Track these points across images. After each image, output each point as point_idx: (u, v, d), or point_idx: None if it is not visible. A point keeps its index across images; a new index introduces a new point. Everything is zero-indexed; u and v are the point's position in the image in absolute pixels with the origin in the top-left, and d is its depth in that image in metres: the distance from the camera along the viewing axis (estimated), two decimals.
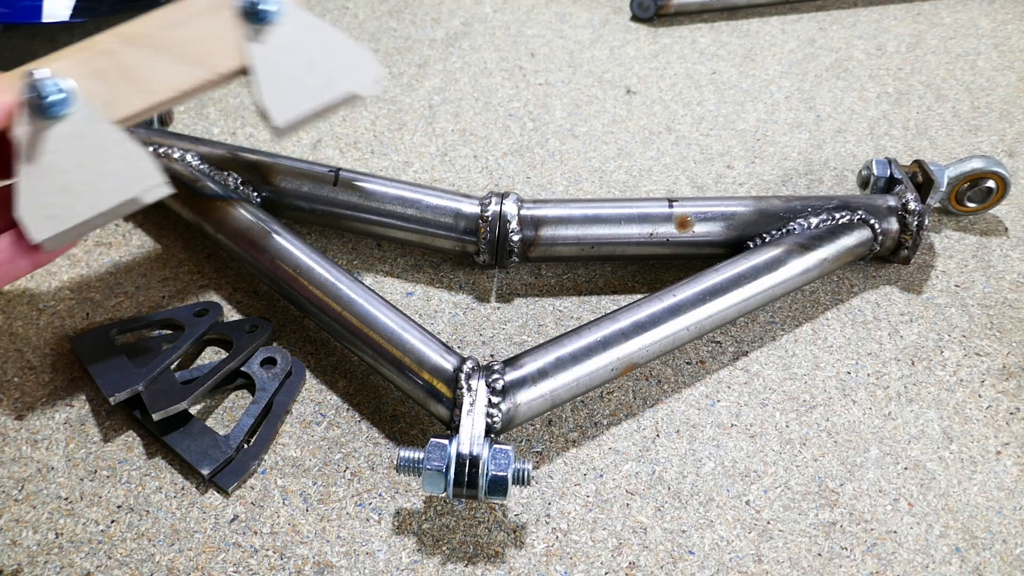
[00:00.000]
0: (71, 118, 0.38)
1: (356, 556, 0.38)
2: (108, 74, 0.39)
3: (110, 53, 0.39)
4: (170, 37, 0.40)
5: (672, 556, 0.39)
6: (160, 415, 0.41)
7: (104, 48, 0.39)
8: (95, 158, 0.38)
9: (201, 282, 0.51)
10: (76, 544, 0.39)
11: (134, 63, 0.39)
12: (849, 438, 0.44)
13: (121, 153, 0.38)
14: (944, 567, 0.39)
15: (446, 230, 0.50)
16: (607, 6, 0.79)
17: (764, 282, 0.46)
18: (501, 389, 0.40)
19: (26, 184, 0.37)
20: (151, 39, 0.40)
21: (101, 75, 0.39)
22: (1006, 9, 0.80)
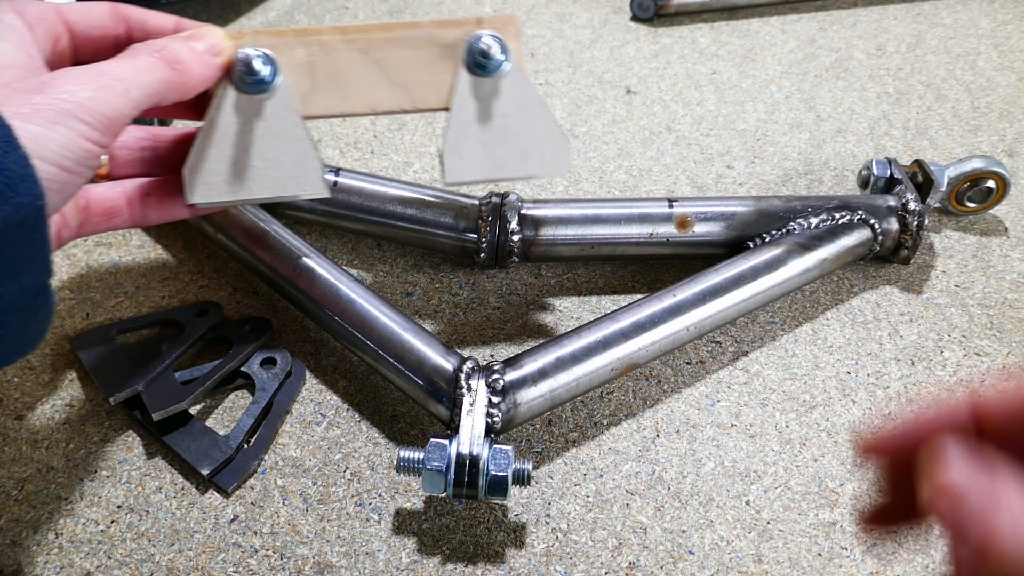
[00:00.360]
0: (266, 100, 0.38)
1: (356, 556, 0.38)
2: (318, 70, 0.39)
3: (328, 49, 0.39)
4: (389, 53, 0.39)
5: (672, 556, 0.39)
6: (160, 415, 0.41)
7: (324, 42, 0.38)
8: (271, 146, 0.39)
9: (201, 282, 0.51)
10: (76, 544, 0.39)
11: (344, 67, 0.39)
12: (849, 438, 0.44)
13: (296, 149, 0.39)
14: (944, 567, 0.39)
15: (446, 230, 0.50)
16: (607, 6, 0.79)
17: (764, 282, 0.46)
18: (501, 389, 0.40)
19: (200, 145, 0.38)
20: (370, 48, 0.39)
21: (311, 68, 0.39)
22: (1006, 9, 0.80)
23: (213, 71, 0.37)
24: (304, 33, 0.38)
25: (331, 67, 0.39)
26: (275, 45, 0.38)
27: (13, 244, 0.27)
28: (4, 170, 0.26)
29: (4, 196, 0.26)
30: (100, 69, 0.32)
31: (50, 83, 0.30)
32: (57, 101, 0.29)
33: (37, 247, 0.28)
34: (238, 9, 0.75)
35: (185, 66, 0.34)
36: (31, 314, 0.29)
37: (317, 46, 0.39)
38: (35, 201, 0.27)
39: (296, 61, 0.38)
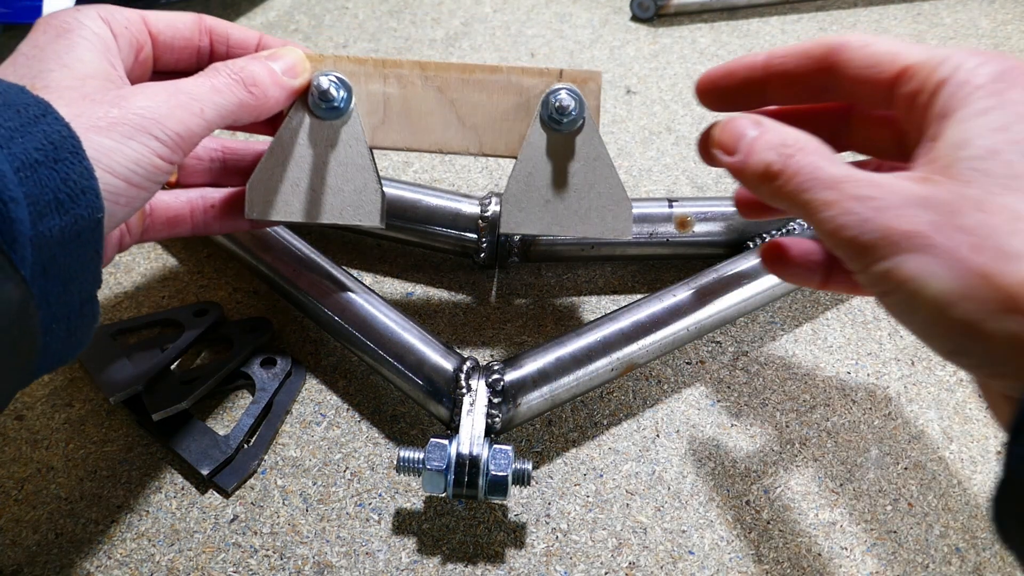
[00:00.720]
0: (336, 126, 0.39)
1: (356, 556, 0.38)
2: (391, 103, 0.39)
3: (404, 84, 0.39)
4: (465, 95, 0.39)
5: (672, 556, 0.39)
6: (160, 415, 0.41)
7: (402, 76, 0.39)
8: (335, 172, 0.39)
9: (201, 282, 0.51)
10: (76, 544, 0.39)
11: (418, 103, 0.39)
12: (849, 438, 0.44)
13: (359, 178, 0.39)
14: (944, 567, 0.39)
15: (446, 230, 0.50)
16: (607, 6, 0.79)
17: (764, 282, 0.46)
18: (501, 389, 0.40)
19: (265, 162, 0.39)
20: (447, 87, 0.39)
21: (385, 101, 0.39)
22: (1006, 9, 0.80)
23: (289, 94, 0.37)
24: (383, 64, 0.39)
25: (405, 102, 0.39)
26: (353, 73, 0.39)
27: (68, 254, 0.27)
28: (69, 181, 0.27)
29: (65, 207, 0.27)
30: (178, 87, 0.32)
31: (128, 97, 0.30)
32: (133, 116, 0.30)
33: (90, 258, 0.28)
34: (238, 9, 0.75)
35: (261, 89, 0.35)
36: (76, 322, 0.29)
37: (395, 79, 0.39)
38: (95, 214, 0.28)
39: (371, 92, 0.39)
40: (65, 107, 0.29)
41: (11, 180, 0.25)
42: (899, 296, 0.25)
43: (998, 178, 0.24)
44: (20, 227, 0.25)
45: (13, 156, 0.25)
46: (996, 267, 0.23)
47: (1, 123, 0.26)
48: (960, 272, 0.24)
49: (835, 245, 0.27)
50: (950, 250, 0.24)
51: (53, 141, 0.26)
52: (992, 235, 0.24)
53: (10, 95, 0.27)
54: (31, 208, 0.26)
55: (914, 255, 0.25)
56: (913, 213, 0.25)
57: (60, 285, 0.27)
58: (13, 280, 0.25)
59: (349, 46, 0.72)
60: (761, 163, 0.30)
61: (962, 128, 0.26)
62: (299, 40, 0.72)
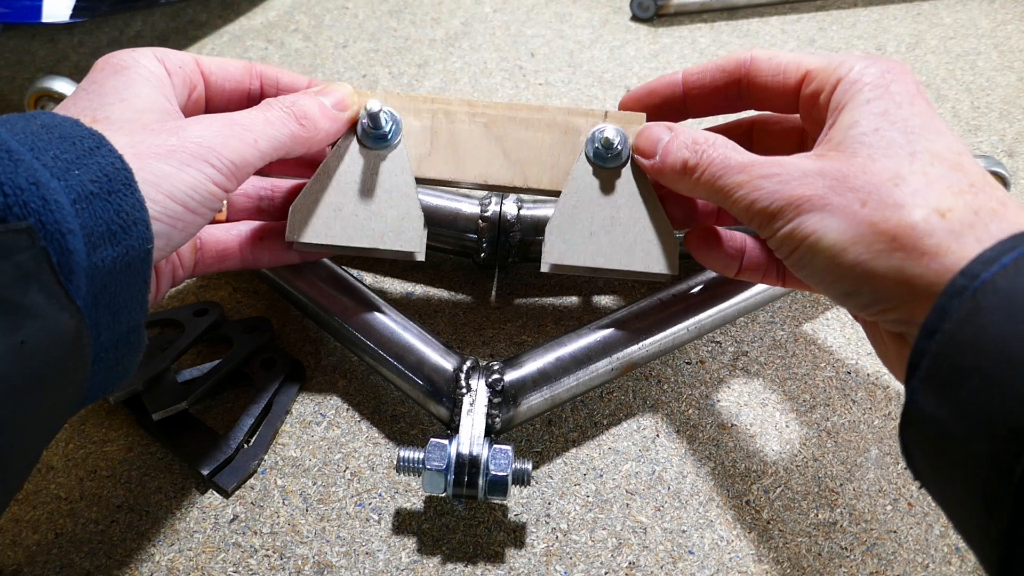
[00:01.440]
0: (383, 155, 0.39)
1: (356, 556, 0.38)
2: (439, 136, 0.40)
3: (452, 119, 0.40)
4: (511, 132, 0.40)
5: (672, 556, 0.39)
6: (160, 415, 0.41)
7: (450, 112, 0.40)
8: (379, 199, 0.40)
9: (201, 282, 0.51)
10: (76, 544, 0.39)
11: (465, 137, 0.40)
12: (849, 438, 0.44)
13: (402, 206, 0.40)
14: (944, 567, 0.39)
15: (446, 230, 0.50)
16: (607, 6, 0.79)
17: None
18: (501, 389, 0.40)
19: (310, 188, 0.39)
20: (493, 124, 0.40)
21: (432, 134, 0.40)
22: (1006, 9, 0.80)
23: (339, 126, 0.39)
24: (432, 101, 0.40)
25: (452, 136, 0.40)
26: (402, 108, 0.40)
27: (119, 284, 0.28)
28: (122, 213, 0.27)
29: (118, 238, 0.27)
30: (232, 119, 0.34)
31: (185, 128, 0.32)
32: (191, 145, 0.31)
33: (139, 288, 0.29)
34: (238, 9, 0.75)
35: (312, 121, 0.37)
36: (123, 351, 0.30)
37: (442, 114, 0.40)
38: (145, 245, 0.28)
39: (419, 124, 0.40)
40: (125, 137, 0.30)
41: (68, 212, 0.25)
42: (801, 251, 0.30)
43: (880, 148, 0.29)
44: (77, 259, 0.26)
45: (70, 188, 0.26)
46: (880, 215, 0.28)
47: (58, 155, 0.26)
48: (851, 222, 0.28)
49: (749, 218, 0.32)
50: (842, 206, 0.28)
51: (107, 173, 0.27)
52: (876, 191, 0.28)
53: (65, 127, 0.28)
54: (86, 240, 0.26)
55: (813, 213, 0.29)
56: (811, 181, 0.30)
57: (110, 315, 0.28)
58: (69, 311, 0.25)
59: (349, 46, 0.72)
60: (678, 160, 0.35)
61: (852, 114, 0.31)
62: (299, 40, 0.72)
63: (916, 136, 0.29)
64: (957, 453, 0.24)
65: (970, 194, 0.27)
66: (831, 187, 0.29)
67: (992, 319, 0.23)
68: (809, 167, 0.30)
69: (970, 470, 0.23)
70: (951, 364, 0.24)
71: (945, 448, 0.25)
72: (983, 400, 0.23)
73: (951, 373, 0.24)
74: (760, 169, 0.31)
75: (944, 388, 0.25)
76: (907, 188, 0.28)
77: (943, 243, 0.26)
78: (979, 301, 0.24)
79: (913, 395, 0.26)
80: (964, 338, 0.24)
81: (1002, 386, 0.23)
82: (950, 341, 0.24)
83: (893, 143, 0.29)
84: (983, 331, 0.23)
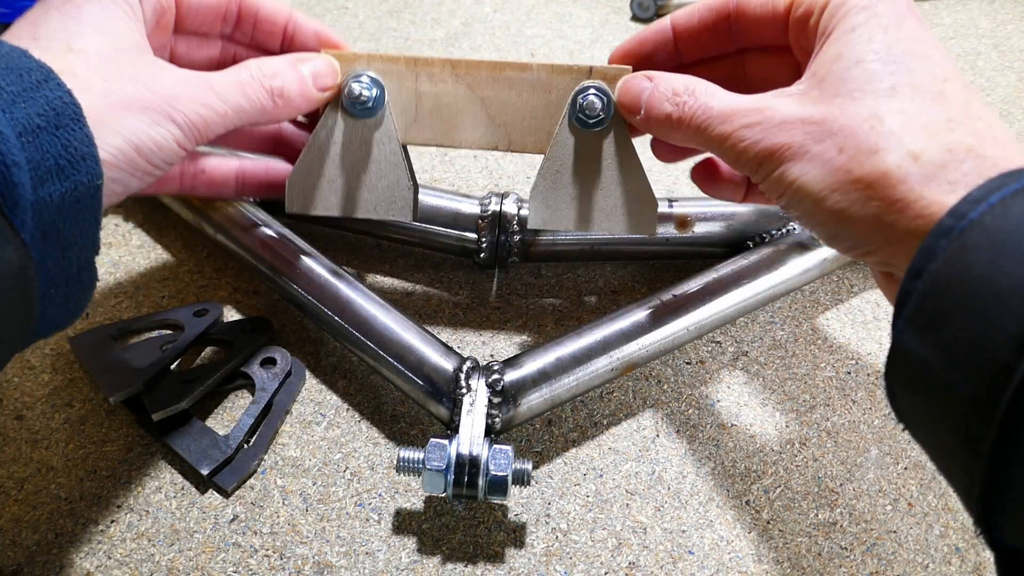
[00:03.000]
0: (370, 125, 0.40)
1: (356, 556, 0.38)
2: (423, 101, 0.40)
3: (436, 81, 0.40)
4: (495, 92, 0.40)
5: (672, 556, 0.39)
6: (160, 415, 0.41)
7: (433, 74, 0.39)
8: (368, 169, 0.41)
9: (201, 282, 0.51)
10: (76, 544, 0.39)
11: (449, 101, 0.40)
12: (849, 438, 0.44)
13: (391, 176, 0.41)
14: (944, 567, 0.39)
15: (446, 229, 0.50)
16: (607, 6, 0.79)
17: (764, 282, 0.46)
18: (501, 389, 0.40)
19: (302, 160, 0.41)
20: (477, 85, 0.40)
21: (417, 99, 0.40)
22: (1006, 9, 0.80)
23: (313, 106, 0.39)
24: (415, 63, 0.39)
25: (436, 99, 0.40)
26: (385, 72, 0.39)
27: (67, 220, 0.28)
28: (70, 148, 0.27)
29: (66, 173, 0.27)
30: (209, 83, 0.34)
31: (159, 79, 0.32)
32: (164, 104, 0.32)
33: (89, 224, 0.29)
34: None
35: (287, 100, 0.37)
36: (74, 288, 0.30)
37: (426, 76, 0.40)
38: (94, 180, 0.28)
39: (403, 90, 0.40)
40: (102, 82, 0.30)
41: (14, 144, 0.25)
42: (787, 196, 0.30)
43: (859, 84, 0.29)
44: (22, 191, 0.25)
45: (15, 120, 0.26)
46: (857, 162, 0.28)
47: (3, 86, 0.26)
48: (828, 170, 0.28)
49: (739, 166, 0.32)
50: (820, 154, 0.29)
51: (55, 107, 0.27)
52: (852, 135, 0.28)
53: (13, 58, 0.27)
54: (32, 173, 0.26)
55: (795, 163, 0.30)
56: (791, 128, 0.30)
57: (58, 250, 0.28)
58: (13, 244, 0.25)
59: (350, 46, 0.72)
60: (662, 114, 0.35)
61: (836, 45, 0.30)
62: None
63: (899, 66, 0.29)
64: (940, 392, 0.24)
65: (945, 131, 0.27)
66: (811, 133, 0.29)
67: (978, 257, 0.23)
68: (790, 112, 0.30)
69: (953, 408, 0.23)
70: (936, 303, 0.24)
71: (929, 388, 0.25)
72: (967, 338, 0.23)
73: (936, 312, 0.24)
74: (742, 118, 0.31)
75: (929, 327, 0.24)
76: (883, 129, 0.28)
77: (914, 189, 0.26)
78: (965, 240, 0.24)
79: (900, 336, 0.26)
80: (950, 277, 0.24)
81: (986, 323, 0.22)
82: (935, 280, 0.24)
83: (873, 77, 0.29)
84: (968, 269, 0.23)
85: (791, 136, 0.30)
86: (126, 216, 0.55)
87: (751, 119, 0.31)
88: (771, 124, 0.30)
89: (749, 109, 0.32)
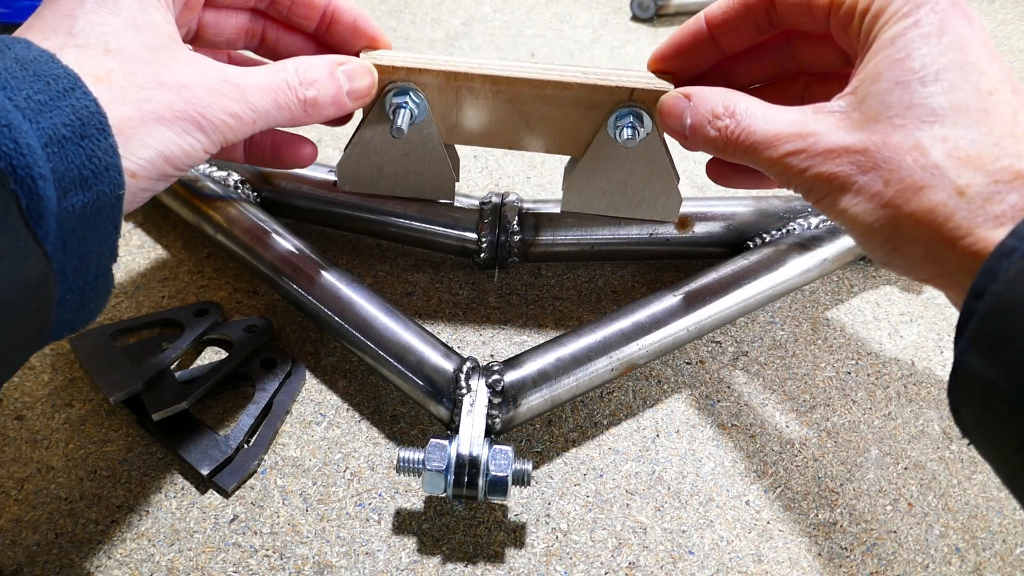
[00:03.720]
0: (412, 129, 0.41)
1: (356, 556, 0.38)
2: (464, 110, 0.41)
3: (476, 95, 0.40)
4: (535, 108, 0.41)
5: (672, 556, 0.39)
6: (160, 415, 0.41)
7: (474, 89, 0.40)
8: (413, 161, 0.43)
9: (201, 282, 0.51)
10: (76, 544, 0.39)
11: (489, 112, 0.41)
12: (849, 438, 0.44)
13: (435, 169, 0.44)
14: (944, 567, 0.39)
15: (446, 229, 0.50)
16: (607, 6, 0.79)
17: (764, 282, 0.46)
18: (501, 389, 0.40)
19: (351, 149, 0.43)
20: (517, 100, 0.41)
21: (458, 108, 0.41)
22: (1006, 9, 0.80)
23: (343, 114, 0.39)
24: (455, 78, 0.40)
25: (476, 109, 0.41)
26: (426, 85, 0.40)
27: (88, 229, 0.28)
28: (94, 159, 0.27)
29: (89, 184, 0.27)
30: (244, 94, 0.33)
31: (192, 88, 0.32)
32: (195, 114, 0.32)
33: (108, 233, 0.29)
34: None
35: (318, 109, 0.37)
36: (90, 294, 0.30)
37: (466, 91, 0.40)
38: (116, 191, 0.28)
39: (444, 101, 0.41)
40: (138, 90, 0.30)
41: (40, 156, 0.25)
42: (841, 221, 0.31)
43: (901, 108, 0.29)
44: (47, 204, 0.25)
45: (42, 131, 0.26)
46: (903, 198, 0.28)
47: (31, 95, 0.26)
48: (877, 204, 0.29)
49: (790, 188, 0.32)
50: (867, 186, 0.29)
51: (81, 117, 0.27)
52: (897, 169, 0.28)
53: (40, 64, 0.27)
54: (57, 184, 0.26)
55: (843, 194, 0.30)
56: (837, 156, 0.30)
57: (77, 259, 0.28)
58: (36, 255, 0.26)
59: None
60: (708, 140, 0.35)
61: (876, 59, 0.30)
62: None
63: (940, 84, 0.28)
64: (1007, 413, 0.24)
65: (991, 159, 0.27)
66: (856, 163, 0.29)
67: None
68: (834, 140, 0.30)
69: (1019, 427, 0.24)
70: (999, 325, 0.25)
71: (996, 409, 0.25)
72: None
73: (999, 334, 0.25)
74: (786, 144, 0.31)
75: (993, 348, 0.25)
76: (927, 162, 0.27)
77: (961, 226, 0.26)
78: None
79: (962, 356, 0.26)
80: (1013, 299, 0.24)
81: None
82: (997, 302, 0.25)
83: (915, 100, 0.28)
84: None
85: (837, 166, 0.30)
86: (126, 216, 0.55)
87: (796, 145, 0.31)
88: (815, 151, 0.30)
89: (792, 135, 0.31)
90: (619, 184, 0.43)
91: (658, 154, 0.41)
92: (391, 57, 0.40)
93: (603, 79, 0.39)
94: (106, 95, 0.28)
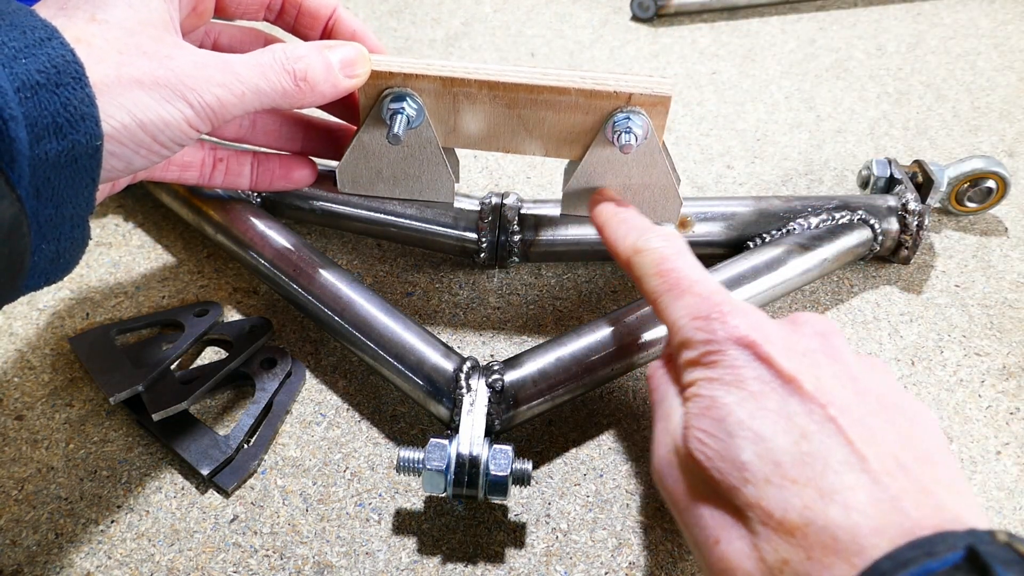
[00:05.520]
0: (410, 133, 0.41)
1: (356, 556, 0.38)
2: (461, 115, 0.41)
3: (474, 100, 0.40)
4: (533, 112, 0.41)
5: (672, 556, 0.39)
6: (160, 415, 0.41)
7: (471, 95, 0.40)
8: (411, 164, 0.43)
9: (201, 282, 0.51)
10: (76, 544, 0.39)
11: (487, 116, 0.41)
12: None
13: (433, 171, 0.44)
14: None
15: (446, 229, 0.50)
16: (607, 6, 0.79)
17: (764, 282, 0.46)
18: (501, 389, 0.40)
19: (351, 152, 0.43)
20: (515, 104, 0.41)
21: (456, 112, 0.41)
22: (1006, 9, 0.80)
23: (338, 93, 0.38)
24: (452, 83, 0.40)
25: (474, 113, 0.41)
26: (423, 90, 0.40)
27: (63, 178, 0.28)
28: (69, 107, 0.27)
29: (64, 132, 0.27)
30: (229, 64, 0.33)
31: (176, 57, 0.31)
32: (176, 81, 0.31)
33: (85, 184, 0.29)
34: None
35: (310, 84, 0.36)
36: (65, 244, 0.30)
37: (464, 97, 0.40)
38: (93, 141, 0.28)
39: (441, 106, 0.41)
40: (117, 54, 0.29)
41: (11, 99, 0.25)
42: None
43: None
44: (19, 146, 0.25)
45: (15, 76, 0.26)
46: None
47: (5, 42, 0.26)
48: None
49: None
50: None
51: (56, 65, 0.27)
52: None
53: (18, 16, 0.27)
54: (30, 130, 0.26)
55: None
56: None
57: (52, 207, 0.28)
58: (8, 199, 0.25)
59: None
60: None
61: None
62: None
63: (737, 489, 0.27)
64: None
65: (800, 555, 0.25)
66: None
67: None
68: None
69: None
70: None
71: None
72: None
73: None
74: None
75: None
76: None
77: None
78: None
79: None
80: None
81: None
82: None
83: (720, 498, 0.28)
84: None
85: None
86: (126, 216, 0.55)
87: None
88: None
89: None
90: (618, 188, 0.43)
91: (657, 158, 0.41)
92: (387, 62, 0.40)
93: (601, 84, 0.39)
94: (84, 54, 0.28)
